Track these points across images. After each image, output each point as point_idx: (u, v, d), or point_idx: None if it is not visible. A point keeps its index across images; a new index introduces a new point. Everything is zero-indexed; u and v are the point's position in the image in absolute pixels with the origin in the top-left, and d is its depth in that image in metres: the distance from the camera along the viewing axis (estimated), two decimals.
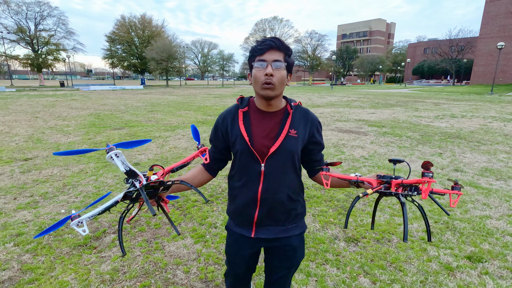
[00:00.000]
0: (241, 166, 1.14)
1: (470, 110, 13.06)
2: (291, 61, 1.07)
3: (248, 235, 1.17)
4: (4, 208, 3.18)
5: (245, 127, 1.10)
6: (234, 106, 1.16)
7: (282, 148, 1.08)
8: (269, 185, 1.11)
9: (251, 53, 1.06)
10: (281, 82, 1.03)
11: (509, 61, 33.64)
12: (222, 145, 1.18)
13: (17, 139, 6.67)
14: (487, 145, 6.26)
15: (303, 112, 1.15)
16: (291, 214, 1.18)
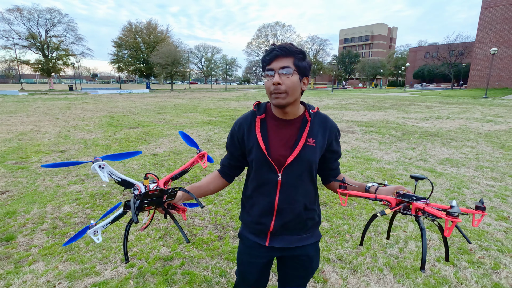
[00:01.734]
0: (257, 175, 1.11)
1: (457, 112, 13.92)
2: (303, 64, 1.02)
3: (262, 243, 1.15)
4: (60, 183, 4.15)
5: (262, 135, 1.07)
6: (251, 113, 1.14)
7: (299, 158, 1.06)
8: (286, 196, 1.09)
9: (262, 63, 1.06)
10: (292, 88, 1.00)
11: (505, 66, 34.48)
12: (238, 152, 1.16)
13: (47, 136, 7.68)
14: (458, 142, 7.16)
15: (322, 119, 1.12)
16: (307, 224, 1.15)
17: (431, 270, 2.25)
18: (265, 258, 1.17)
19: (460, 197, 3.70)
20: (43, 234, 2.78)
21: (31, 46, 39.79)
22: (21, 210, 3.27)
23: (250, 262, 1.18)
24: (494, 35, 35.03)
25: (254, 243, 1.16)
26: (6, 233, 2.77)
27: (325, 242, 2.66)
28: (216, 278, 2.17)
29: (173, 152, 6.07)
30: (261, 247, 1.15)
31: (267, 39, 66.06)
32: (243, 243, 1.22)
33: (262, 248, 1.15)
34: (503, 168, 4.96)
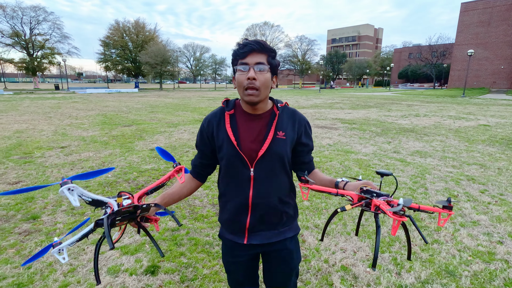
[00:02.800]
0: (229, 171, 1.11)
1: (435, 110, 14.83)
2: (275, 62, 1.04)
3: (241, 242, 1.15)
4: (68, 174, 4.55)
5: (232, 131, 1.07)
6: (219, 109, 1.13)
7: (270, 151, 1.06)
8: (259, 190, 1.08)
9: (234, 57, 1.04)
10: (265, 85, 1.01)
11: (482, 67, 36.35)
12: (208, 149, 1.15)
13: (45, 133, 7.96)
14: (430, 136, 7.88)
15: (291, 112, 1.13)
16: (283, 217, 1.15)
17: (389, 234, 2.82)
18: (246, 256, 1.17)
19: (421, 181, 4.33)
20: (63, 213, 3.21)
21: (15, 45, 38.90)
22: (38, 196, 3.67)
23: (233, 262, 1.19)
24: (472, 37, 36.84)
25: (233, 243, 1.17)
26: (30, 214, 3.18)
27: (305, 215, 3.21)
28: (216, 242, 2.68)
29: (169, 147, 6.51)
30: (240, 246, 1.15)
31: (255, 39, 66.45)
32: (224, 244, 1.22)
33: (241, 246, 1.15)
34: (463, 158, 5.65)
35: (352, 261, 2.39)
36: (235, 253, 1.17)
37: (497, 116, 12.48)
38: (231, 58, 1.06)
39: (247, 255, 1.17)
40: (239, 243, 1.15)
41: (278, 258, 1.18)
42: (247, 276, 1.21)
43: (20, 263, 2.32)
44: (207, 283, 2.12)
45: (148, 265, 2.31)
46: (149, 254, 2.46)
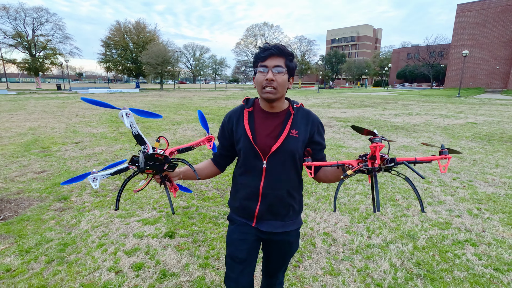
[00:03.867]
0: (245, 162, 1.22)
1: (428, 109, 15.36)
2: (292, 65, 1.14)
3: (250, 224, 1.26)
4: (86, 165, 5.07)
5: (249, 126, 1.18)
6: (240, 106, 1.24)
7: (283, 147, 1.15)
8: (270, 181, 1.18)
9: (255, 59, 1.15)
10: (282, 85, 1.11)
11: (478, 67, 36.97)
12: (228, 142, 1.26)
13: (57, 130, 8.47)
14: (418, 133, 8.40)
15: (305, 113, 1.22)
16: (289, 210, 1.25)
17: (366, 210, 3.34)
18: (254, 236, 1.26)
19: (402, 170, 4.85)
20: (89, 195, 3.73)
21: (17, 45, 39.43)
22: None
23: (240, 239, 1.26)
24: (468, 38, 37.46)
25: (243, 222, 1.27)
26: (60, 195, 3.70)
27: None
28: (221, 216, 3.20)
29: (175, 143, 7.03)
30: (249, 226, 1.26)
31: (255, 39, 67.12)
32: (233, 224, 1.31)
33: (250, 226, 1.26)
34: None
35: (333, 229, 2.91)
36: (244, 230, 1.26)
37: (486, 114, 13.01)
38: (252, 60, 1.19)
39: (254, 234, 1.26)
40: (249, 224, 1.26)
41: (278, 248, 1.29)
42: (249, 253, 1.27)
43: (60, 232, 2.83)
44: (215, 243, 2.64)
45: (166, 231, 2.83)
46: (165, 225, 2.98)
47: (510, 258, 2.41)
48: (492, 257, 2.42)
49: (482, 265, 2.31)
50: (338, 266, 2.32)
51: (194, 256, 2.45)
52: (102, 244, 2.61)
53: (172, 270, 2.27)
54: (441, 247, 2.57)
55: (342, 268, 2.29)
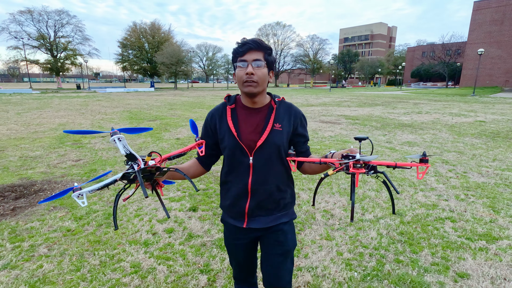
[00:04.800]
0: (231, 160, 1.21)
1: (439, 108, 15.42)
2: (271, 59, 1.15)
3: (240, 226, 1.25)
4: (116, 155, 5.70)
5: (233, 123, 1.18)
6: (222, 104, 1.25)
7: (268, 142, 1.16)
8: (258, 177, 1.19)
9: (234, 54, 1.14)
10: (262, 79, 1.12)
11: (495, 65, 36.08)
12: (212, 141, 1.26)
13: (84, 126, 9.23)
14: (424, 130, 8.67)
15: (287, 106, 1.23)
16: (280, 204, 1.25)
17: (363, 194, 3.77)
18: (246, 239, 1.27)
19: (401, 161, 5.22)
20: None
21: (40, 46, 41.38)
22: (99, 168, 4.82)
23: (234, 244, 1.30)
24: (484, 36, 36.61)
25: (234, 227, 1.28)
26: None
27: (302, 182, 4.20)
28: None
29: (192, 137, 7.61)
30: (240, 229, 1.26)
31: (267, 38, 67.49)
32: (226, 228, 1.34)
33: (241, 230, 1.26)
34: (447, 147, 6.49)
35: (332, 207, 3.37)
36: (236, 236, 1.28)
37: (497, 113, 13.01)
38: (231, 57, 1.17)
39: (247, 238, 1.27)
40: (239, 227, 1.26)
41: (274, 240, 1.26)
42: (246, 258, 1.33)
43: (103, 206, 3.41)
44: None
45: (190, 206, 3.37)
46: (189, 202, 3.52)
47: (482, 231, 2.81)
48: (467, 230, 2.82)
49: (456, 236, 2.73)
50: (333, 234, 2.78)
51: (214, 224, 2.97)
52: (138, 215, 3.17)
53: (197, 233, 2.79)
54: (424, 222, 2.99)
55: (337, 235, 2.75)
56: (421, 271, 2.21)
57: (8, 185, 4.03)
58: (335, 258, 2.39)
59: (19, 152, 5.88)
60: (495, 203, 3.47)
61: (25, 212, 3.21)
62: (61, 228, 2.86)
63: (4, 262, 2.31)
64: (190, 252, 2.48)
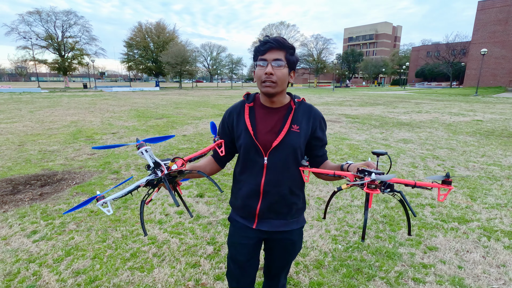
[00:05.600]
0: (245, 159, 1.19)
1: (439, 107, 15.65)
2: (293, 59, 1.11)
3: (250, 226, 1.23)
4: (127, 150, 6.12)
5: (250, 121, 1.16)
6: (240, 102, 1.23)
7: (284, 143, 1.13)
8: (271, 178, 1.16)
9: (255, 53, 1.13)
10: (282, 79, 1.09)
11: (499, 65, 36.01)
12: (228, 138, 1.24)
13: (94, 123, 9.69)
14: (421, 128, 8.97)
15: (307, 107, 1.20)
16: (292, 208, 1.22)
17: None
18: (253, 239, 1.24)
19: (394, 158, 5.56)
20: (134, 170, 4.74)
21: (48, 46, 42.23)
22: (112, 161, 5.24)
23: (240, 243, 1.25)
24: (489, 36, 36.55)
25: (243, 225, 1.25)
26: (112, 170, 4.73)
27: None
28: None
29: (197, 134, 8.02)
30: (249, 229, 1.23)
31: None
32: (233, 226, 1.30)
33: (251, 230, 1.23)
34: (440, 144, 6.80)
35: (325, 195, 3.74)
36: (243, 234, 1.25)
37: (497, 113, 13.22)
38: (252, 55, 1.15)
39: (255, 238, 1.24)
40: (248, 226, 1.24)
41: (281, 247, 1.26)
42: (249, 259, 1.27)
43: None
44: None
45: (197, 193, 3.76)
46: (196, 189, 3.91)
47: (457, 215, 3.15)
48: (443, 214, 3.17)
49: (433, 218, 3.08)
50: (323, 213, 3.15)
51: (219, 207, 3.36)
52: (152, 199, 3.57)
53: (204, 214, 3.18)
54: None
55: (327, 217, 3.12)
56: (396, 244, 2.57)
57: (33, 175, 4.47)
58: (324, 235, 2.76)
59: (38, 146, 6.33)
60: (474, 192, 3.80)
61: (52, 197, 3.63)
62: (85, 209, 3.27)
63: (40, 235, 2.73)
64: (198, 229, 2.87)
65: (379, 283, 2.09)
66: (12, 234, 2.74)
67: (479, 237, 2.70)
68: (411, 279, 2.14)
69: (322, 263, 2.32)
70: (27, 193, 3.76)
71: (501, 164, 5.13)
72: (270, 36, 1.11)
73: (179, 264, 2.30)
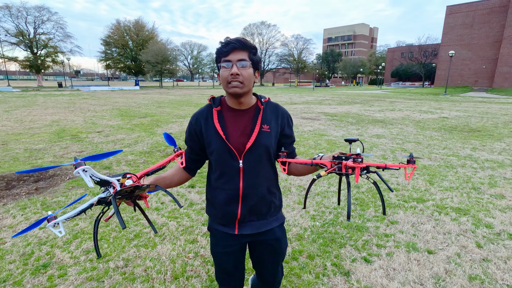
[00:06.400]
0: (219, 164, 1.17)
1: (411, 106, 16.69)
2: (256, 58, 1.11)
3: (231, 233, 1.21)
4: (115, 147, 6.28)
5: (220, 125, 1.14)
6: (206, 106, 1.20)
7: (257, 144, 1.13)
8: (249, 181, 1.16)
9: (217, 55, 1.10)
10: (248, 79, 1.08)
11: (465, 66, 38.64)
12: (197, 145, 1.22)
13: (77, 122, 9.64)
14: (393, 125, 9.68)
15: (274, 106, 1.21)
16: (271, 207, 1.24)
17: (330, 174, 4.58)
18: (237, 246, 1.24)
19: (367, 151, 6.11)
20: (125, 166, 4.95)
21: (19, 43, 40.24)
22: None
23: (224, 252, 1.25)
24: (456, 38, 39.06)
25: (223, 234, 1.23)
26: (104, 166, 4.92)
27: None
28: None
29: (182, 132, 8.25)
30: (231, 236, 1.22)
31: (253, 38, 68.27)
32: (213, 236, 1.28)
33: (232, 236, 1.22)
34: (409, 139, 7.46)
35: (305, 183, 4.15)
36: (226, 243, 1.23)
37: (461, 110, 14.35)
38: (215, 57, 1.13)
39: (238, 244, 1.23)
40: (230, 234, 1.22)
41: (268, 247, 1.27)
42: (236, 266, 1.27)
43: None
44: None
45: (189, 184, 4.06)
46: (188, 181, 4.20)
47: (417, 196, 3.68)
48: (405, 196, 3.69)
49: (396, 199, 3.58)
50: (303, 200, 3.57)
51: None
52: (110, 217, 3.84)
53: (197, 202, 3.50)
54: (374, 192, 3.83)
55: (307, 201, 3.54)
56: (364, 220, 3.03)
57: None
58: (304, 215, 3.17)
59: (22, 145, 6.34)
60: (433, 178, 4.37)
61: (48, 191, 3.81)
62: (85, 200, 3.49)
63: None
64: (193, 213, 3.19)
65: (349, 249, 2.52)
66: (17, 223, 2.94)
67: (432, 213, 3.21)
68: (375, 245, 2.59)
69: (302, 236, 2.73)
70: (23, 188, 3.91)
71: (459, 155, 5.80)
72: (230, 37, 1.10)
73: (179, 241, 2.63)
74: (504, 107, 16.38)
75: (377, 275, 2.18)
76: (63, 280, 2.11)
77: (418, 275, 2.18)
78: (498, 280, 2.13)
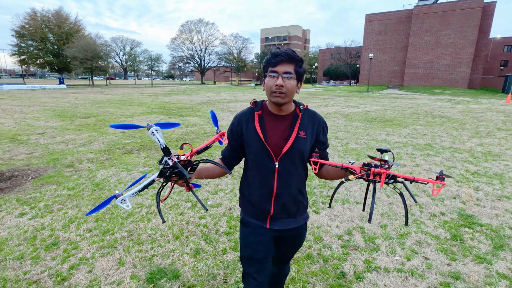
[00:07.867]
0: (256, 164, 1.28)
1: (341, 102, 19.06)
2: (301, 71, 1.20)
3: (264, 226, 1.34)
4: (69, 147, 6.16)
5: (260, 128, 1.23)
6: (248, 109, 1.31)
7: (293, 148, 1.23)
8: (283, 181, 1.26)
9: (265, 64, 1.21)
10: (291, 91, 1.18)
11: (382, 67, 45.12)
12: (237, 143, 1.33)
13: (8, 125, 8.78)
14: (327, 119, 11.19)
15: (311, 114, 1.30)
16: (300, 207, 1.36)
17: None
18: (268, 236, 1.35)
19: None
20: (88, 163, 5.06)
21: None
22: (60, 157, 5.35)
23: (256, 241, 1.33)
24: (374, 43, 45.10)
25: (257, 225, 1.34)
26: (65, 164, 4.94)
27: None
28: None
29: (137, 131, 8.30)
30: (263, 228, 1.34)
31: (191, 35, 67.02)
32: (246, 227, 1.38)
33: (264, 229, 1.34)
34: (340, 128, 8.90)
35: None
36: (259, 232, 1.34)
37: (380, 105, 17.06)
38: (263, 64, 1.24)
39: (269, 235, 1.35)
40: (262, 226, 1.34)
41: (291, 242, 1.43)
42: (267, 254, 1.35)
43: (86, 180, 4.22)
44: None
45: None
46: None
47: None
48: None
49: None
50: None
51: None
52: (121, 183, 4.15)
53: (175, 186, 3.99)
54: None
55: None
56: (312, 188, 3.95)
57: None
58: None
59: None
60: (359, 158, 5.61)
61: (16, 189, 3.83)
62: (61, 194, 3.67)
63: (31, 215, 3.12)
64: (174, 194, 3.69)
65: None
66: (0, 217, 3.05)
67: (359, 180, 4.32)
68: (321, 202, 3.50)
69: None
70: None
71: (377, 139, 7.33)
72: (281, 49, 1.18)
73: (170, 215, 3.14)
74: (410, 102, 19.92)
75: (324, 220, 3.08)
76: (78, 250, 2.48)
77: (350, 216, 3.15)
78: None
